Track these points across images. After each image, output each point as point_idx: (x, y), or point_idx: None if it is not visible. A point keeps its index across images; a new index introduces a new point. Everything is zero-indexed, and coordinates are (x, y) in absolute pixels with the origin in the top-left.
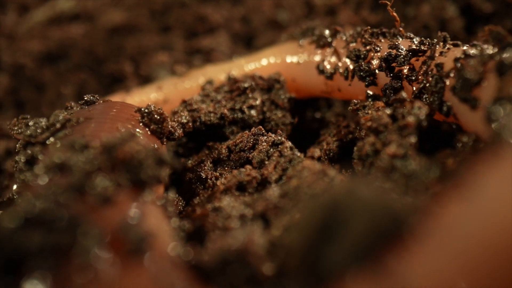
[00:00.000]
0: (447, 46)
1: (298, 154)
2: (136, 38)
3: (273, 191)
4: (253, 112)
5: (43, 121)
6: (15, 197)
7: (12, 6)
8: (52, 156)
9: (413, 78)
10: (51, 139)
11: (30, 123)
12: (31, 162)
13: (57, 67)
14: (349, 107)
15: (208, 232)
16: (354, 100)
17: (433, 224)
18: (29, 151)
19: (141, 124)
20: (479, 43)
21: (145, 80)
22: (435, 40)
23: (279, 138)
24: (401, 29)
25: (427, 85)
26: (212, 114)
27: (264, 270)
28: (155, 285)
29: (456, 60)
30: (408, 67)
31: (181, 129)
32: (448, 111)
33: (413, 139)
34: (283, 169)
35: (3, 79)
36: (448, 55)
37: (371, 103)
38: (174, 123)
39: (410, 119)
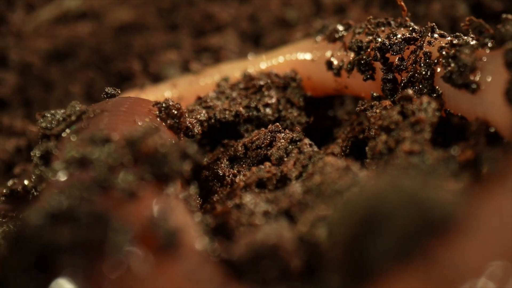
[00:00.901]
0: (435, 35)
1: (318, 151)
2: (143, 37)
3: (296, 188)
4: (268, 110)
5: (59, 113)
6: (34, 193)
7: (20, 4)
8: (71, 150)
9: (402, 67)
10: (67, 131)
11: (47, 115)
12: (46, 156)
13: (65, 65)
14: (357, 108)
15: (232, 229)
16: (361, 101)
17: (479, 215)
18: (44, 145)
19: (158, 118)
20: (461, 34)
21: (154, 78)
22: (424, 28)
23: (298, 135)
24: (407, 18)
25: (417, 73)
26: (227, 112)
27: (295, 265)
28: (189, 281)
29: (442, 48)
30: (398, 57)
31: (200, 127)
32: (438, 98)
33: (427, 134)
34: (303, 165)
35: (11, 77)
36: (436, 44)
37: (378, 102)
38: (192, 119)
39: (422, 114)
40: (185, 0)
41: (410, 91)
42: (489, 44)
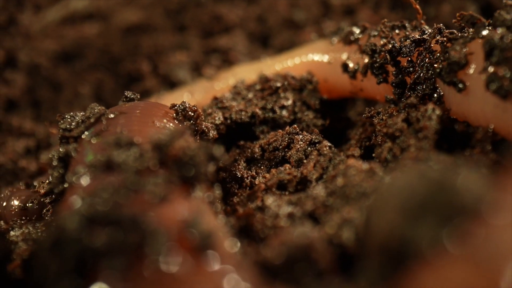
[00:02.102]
0: (444, 35)
1: (338, 153)
2: (151, 38)
3: (319, 190)
4: (284, 112)
5: (79, 115)
6: (51, 195)
7: (29, 5)
8: (94, 153)
9: (411, 70)
10: (86, 133)
11: (67, 116)
12: (65, 159)
13: (73, 66)
14: (364, 115)
15: (256, 231)
16: (368, 108)
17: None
18: (64, 147)
19: (175, 121)
20: (454, 30)
21: (164, 79)
22: (432, 30)
23: (317, 137)
24: (422, 21)
25: (421, 74)
26: (243, 113)
27: (327, 266)
28: (227, 283)
29: (441, 45)
30: (407, 59)
31: (215, 131)
32: (439, 99)
33: (431, 141)
34: (323, 167)
35: (19, 78)
36: (440, 43)
37: (385, 109)
38: (208, 124)
39: (426, 122)
40: (192, 1)
41: (413, 99)
42: (483, 33)
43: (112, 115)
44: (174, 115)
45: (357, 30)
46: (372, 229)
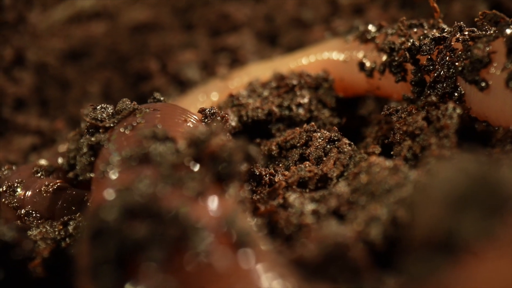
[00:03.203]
0: (465, 33)
1: (358, 150)
2: (159, 36)
3: (342, 187)
4: (300, 110)
5: (110, 107)
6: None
7: (37, 3)
8: (129, 145)
9: (431, 68)
10: (121, 128)
11: (97, 107)
12: (95, 147)
13: (81, 65)
14: (382, 112)
15: (281, 228)
16: (386, 105)
17: None
18: (96, 136)
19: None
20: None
21: (173, 78)
22: (452, 28)
23: (336, 134)
24: (439, 20)
25: (441, 72)
26: (259, 110)
27: (365, 263)
28: (266, 281)
29: (463, 43)
30: (426, 58)
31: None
32: (460, 98)
33: (453, 140)
34: (343, 165)
35: (27, 76)
36: (461, 41)
37: (404, 107)
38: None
39: (447, 120)
40: (200, 0)
41: (434, 97)
42: (507, 32)
43: (147, 110)
44: (203, 118)
45: (373, 29)
46: (417, 224)
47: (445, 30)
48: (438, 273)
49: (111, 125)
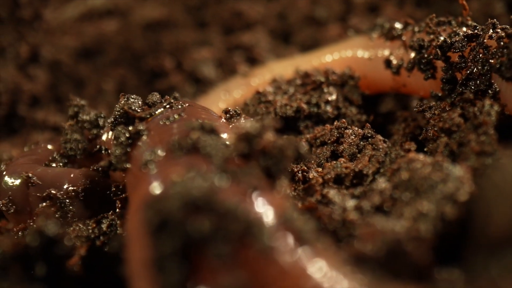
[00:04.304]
0: (498, 30)
1: (394, 147)
2: (172, 34)
3: (383, 183)
4: (328, 107)
5: (140, 99)
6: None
7: (53, 0)
8: (175, 137)
9: (463, 65)
10: (166, 121)
11: (131, 98)
12: (133, 137)
13: (94, 62)
14: (414, 108)
15: (324, 224)
16: (419, 102)
17: None
18: (136, 126)
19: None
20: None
21: (189, 75)
22: (485, 25)
23: (369, 131)
24: (468, 17)
25: (474, 69)
26: (287, 107)
27: (428, 258)
28: (329, 280)
29: (499, 39)
30: (458, 55)
31: None
32: (495, 95)
33: (493, 136)
34: (378, 161)
35: (42, 74)
36: (495, 39)
37: (437, 103)
38: None
39: (485, 117)
40: None
41: (470, 94)
42: None
43: (186, 104)
44: (228, 119)
45: (399, 26)
46: (492, 220)
47: (477, 27)
48: None
49: (147, 116)
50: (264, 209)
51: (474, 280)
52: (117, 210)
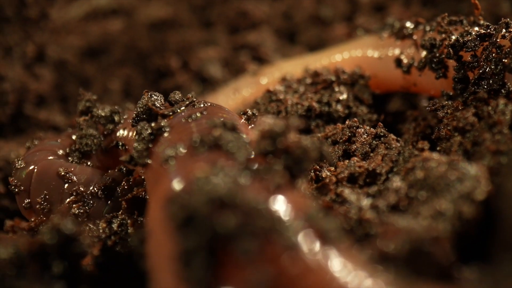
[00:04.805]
0: (510, 30)
1: (407, 146)
2: (178, 33)
3: (398, 182)
4: (339, 106)
5: (162, 97)
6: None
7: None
8: (198, 135)
9: (475, 65)
10: (188, 119)
11: (153, 95)
12: (155, 134)
13: (99, 62)
14: (427, 107)
15: (340, 223)
16: (431, 101)
17: None
18: (158, 122)
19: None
20: None
21: (195, 75)
22: (498, 24)
23: (382, 130)
24: (480, 17)
25: (487, 69)
26: (298, 106)
27: (448, 256)
28: (353, 281)
29: (511, 39)
30: (470, 54)
31: None
32: (508, 95)
33: (509, 135)
34: (392, 160)
35: (48, 73)
36: (508, 38)
37: (450, 102)
38: None
39: (500, 116)
40: None
41: (484, 94)
42: None
43: (208, 104)
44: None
45: (410, 25)
46: None
47: (490, 26)
48: None
49: (170, 113)
50: (288, 207)
51: (503, 280)
52: (126, 209)
